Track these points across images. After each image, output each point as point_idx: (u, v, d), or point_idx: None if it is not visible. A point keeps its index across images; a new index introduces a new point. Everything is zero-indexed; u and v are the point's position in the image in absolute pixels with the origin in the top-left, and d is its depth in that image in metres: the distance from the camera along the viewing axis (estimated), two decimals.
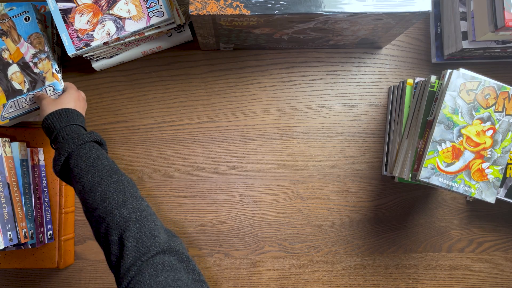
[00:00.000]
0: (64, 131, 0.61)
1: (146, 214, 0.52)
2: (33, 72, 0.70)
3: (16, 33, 0.70)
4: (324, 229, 0.83)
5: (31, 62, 0.70)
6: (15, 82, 0.69)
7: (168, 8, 0.71)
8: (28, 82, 0.70)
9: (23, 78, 0.70)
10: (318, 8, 0.61)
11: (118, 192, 0.53)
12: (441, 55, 0.82)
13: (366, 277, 0.83)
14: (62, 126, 0.61)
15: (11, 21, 0.70)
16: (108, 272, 0.81)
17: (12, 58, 0.69)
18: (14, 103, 0.70)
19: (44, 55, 0.70)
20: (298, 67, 0.83)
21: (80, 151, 0.58)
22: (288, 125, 0.83)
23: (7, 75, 0.69)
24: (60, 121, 0.62)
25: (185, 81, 0.83)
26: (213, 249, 0.82)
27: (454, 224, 0.83)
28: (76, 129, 0.62)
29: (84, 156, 0.57)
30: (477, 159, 0.66)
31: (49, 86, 0.70)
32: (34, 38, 0.70)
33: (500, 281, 0.84)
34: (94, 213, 0.53)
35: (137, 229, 0.50)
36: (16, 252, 0.75)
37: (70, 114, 0.64)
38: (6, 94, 0.70)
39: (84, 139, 0.59)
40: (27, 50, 0.70)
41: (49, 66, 0.70)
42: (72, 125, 0.62)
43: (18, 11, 0.70)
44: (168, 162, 0.82)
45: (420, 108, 0.71)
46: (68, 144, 0.58)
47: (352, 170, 0.83)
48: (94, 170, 0.56)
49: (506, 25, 0.64)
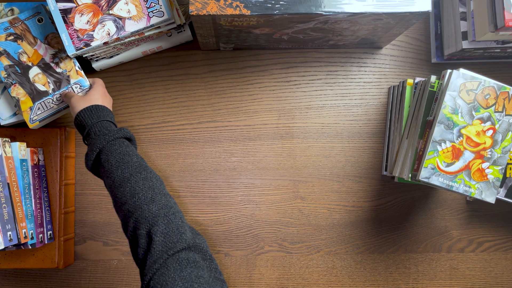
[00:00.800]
0: (95, 127, 0.63)
1: (174, 211, 0.54)
2: (56, 72, 0.70)
3: (31, 35, 0.69)
4: (324, 229, 0.83)
5: (52, 63, 0.70)
6: (38, 84, 0.69)
7: (168, 8, 0.71)
8: (52, 83, 0.70)
9: (46, 79, 0.70)
10: (318, 8, 0.61)
11: (147, 188, 0.55)
12: (441, 55, 0.82)
13: (366, 277, 0.83)
14: (94, 122, 0.63)
15: (23, 24, 0.69)
16: (108, 272, 0.81)
17: (32, 61, 0.69)
18: (41, 104, 0.70)
19: (64, 54, 0.70)
20: (298, 67, 0.83)
21: (111, 147, 0.60)
22: (288, 125, 0.83)
23: (29, 78, 0.69)
24: (91, 117, 0.64)
25: (185, 81, 0.83)
26: (213, 249, 0.82)
27: (454, 224, 0.83)
28: (107, 125, 0.64)
29: (115, 152, 0.59)
30: (477, 159, 0.66)
31: (75, 84, 0.70)
32: (51, 39, 0.70)
33: (500, 281, 0.84)
34: (123, 207, 0.54)
35: (165, 224, 0.51)
36: (16, 252, 0.75)
37: (101, 110, 0.65)
38: (31, 97, 0.70)
39: (115, 135, 0.61)
40: (46, 51, 0.70)
41: (71, 64, 0.71)
42: (103, 121, 0.64)
43: (30, 13, 0.69)
44: (168, 162, 0.82)
45: (420, 108, 0.71)
46: (100, 140, 0.60)
47: (352, 170, 0.83)
48: (124, 166, 0.58)
49: (506, 25, 0.64)
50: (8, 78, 0.68)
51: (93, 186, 0.82)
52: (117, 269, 0.81)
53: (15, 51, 0.69)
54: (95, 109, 0.65)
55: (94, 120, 0.63)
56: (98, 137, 0.61)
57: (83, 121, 0.64)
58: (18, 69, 0.69)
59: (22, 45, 0.69)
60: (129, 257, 0.81)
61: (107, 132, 0.61)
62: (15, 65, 0.69)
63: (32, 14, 0.69)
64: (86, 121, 0.64)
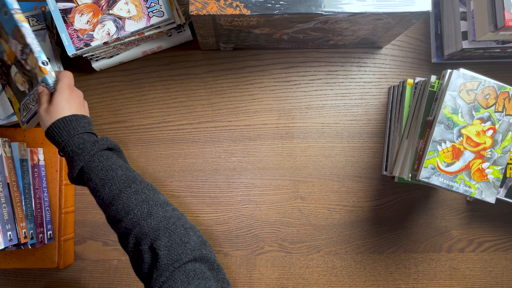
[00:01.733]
0: (69, 146, 0.57)
1: (174, 220, 0.51)
2: (26, 69, 0.61)
3: (4, 31, 0.61)
4: (324, 229, 0.83)
5: (22, 60, 0.61)
6: (18, 83, 0.63)
7: (168, 8, 0.71)
8: (26, 82, 0.62)
9: (21, 78, 0.63)
10: (318, 8, 0.61)
11: (141, 202, 0.52)
12: (441, 55, 0.82)
13: (366, 277, 0.83)
14: (65, 140, 0.57)
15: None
16: (108, 272, 0.81)
17: (9, 59, 0.63)
18: (23, 105, 0.64)
19: (27, 48, 0.59)
20: (298, 67, 0.83)
21: (91, 164, 0.55)
22: (288, 125, 0.83)
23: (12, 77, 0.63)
24: (61, 134, 0.57)
25: (185, 81, 0.83)
26: (213, 249, 0.82)
27: (454, 224, 0.83)
28: (81, 140, 0.57)
29: (96, 169, 0.55)
30: (477, 159, 0.66)
31: (42, 83, 0.61)
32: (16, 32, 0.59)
33: (500, 281, 0.84)
34: (119, 224, 0.52)
35: (167, 237, 0.49)
36: (16, 252, 0.75)
37: (69, 123, 0.58)
38: (17, 98, 0.64)
39: (92, 151, 0.55)
40: (16, 47, 0.61)
41: (35, 61, 0.60)
42: (75, 136, 0.57)
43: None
44: (168, 162, 0.82)
45: (420, 108, 0.71)
46: (76, 160, 0.55)
47: (352, 170, 0.83)
48: (111, 183, 0.54)
49: (506, 25, 0.64)
50: (1, 79, 0.65)
51: None
52: (117, 269, 0.81)
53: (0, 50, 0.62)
54: (63, 122, 0.58)
55: (65, 138, 0.57)
56: (75, 156, 0.56)
57: (53, 139, 0.58)
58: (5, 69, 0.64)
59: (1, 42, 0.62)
60: None
61: (82, 148, 0.56)
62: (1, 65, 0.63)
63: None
64: (57, 139, 0.58)
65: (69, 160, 0.57)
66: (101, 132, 0.82)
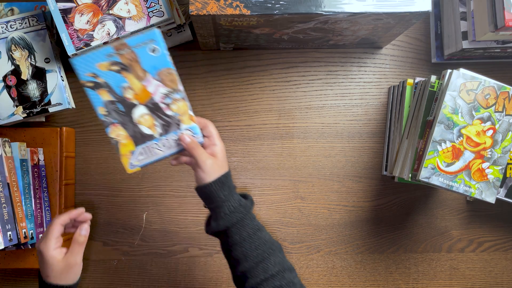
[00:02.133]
0: (229, 202, 0.57)
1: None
2: (166, 114, 0.58)
3: (140, 67, 0.56)
4: (324, 229, 0.83)
5: (162, 103, 0.57)
6: (143, 126, 0.58)
7: (168, 8, 0.71)
8: (160, 126, 0.58)
9: (153, 121, 0.58)
10: (318, 8, 0.61)
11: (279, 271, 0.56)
12: (441, 55, 0.82)
13: (366, 277, 0.83)
14: (227, 196, 0.57)
15: (132, 52, 0.55)
16: (108, 272, 0.81)
17: (138, 99, 0.57)
18: (145, 149, 0.59)
19: (178, 95, 0.58)
20: (298, 67, 0.83)
21: (244, 222, 0.57)
22: (288, 125, 0.83)
23: (133, 118, 0.57)
24: (223, 189, 0.57)
25: (185, 81, 0.82)
26: (213, 249, 0.82)
27: (454, 224, 0.83)
28: (237, 197, 0.58)
29: (247, 227, 0.57)
30: (477, 159, 0.66)
31: (186, 130, 0.58)
32: (165, 75, 0.57)
33: (500, 281, 0.84)
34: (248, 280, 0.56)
35: None
36: (16, 252, 0.75)
37: (230, 179, 0.59)
38: (134, 140, 0.58)
39: (246, 211, 0.58)
40: (157, 88, 0.57)
41: (185, 108, 0.58)
42: (234, 193, 0.59)
43: (141, 40, 0.55)
44: (168, 162, 0.82)
45: (420, 108, 0.71)
46: (232, 217, 0.57)
47: (352, 170, 0.83)
48: (258, 243, 0.56)
49: (506, 25, 0.64)
50: (108, 116, 0.57)
51: (93, 186, 0.82)
52: (117, 269, 0.81)
53: (119, 85, 0.56)
54: (226, 178, 0.58)
55: (226, 193, 0.57)
56: (231, 214, 0.57)
57: (215, 194, 0.57)
58: (121, 107, 0.57)
59: (128, 78, 0.56)
60: (129, 257, 0.81)
61: (238, 206, 0.57)
62: (117, 101, 0.57)
63: (144, 41, 0.55)
64: (219, 195, 0.57)
65: (220, 215, 0.57)
66: (101, 132, 0.82)
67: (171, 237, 0.82)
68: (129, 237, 0.82)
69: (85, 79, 0.55)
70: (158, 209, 0.82)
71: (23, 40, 0.74)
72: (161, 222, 0.82)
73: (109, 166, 0.82)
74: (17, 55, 0.74)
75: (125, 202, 0.82)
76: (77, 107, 0.82)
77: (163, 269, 0.81)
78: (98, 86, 0.55)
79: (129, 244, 0.82)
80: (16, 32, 0.74)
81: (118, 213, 0.82)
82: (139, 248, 0.82)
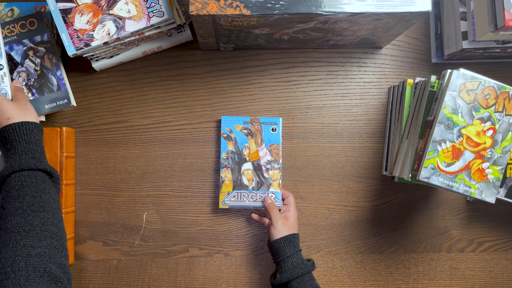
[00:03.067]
0: (292, 259, 0.69)
1: None
2: (263, 176, 0.77)
3: (260, 137, 0.78)
4: (324, 229, 0.83)
5: (264, 167, 0.78)
6: (244, 177, 0.77)
7: (168, 8, 0.71)
8: (255, 182, 0.77)
9: (252, 176, 0.77)
10: (318, 8, 0.61)
11: None
12: (441, 55, 0.82)
13: (366, 277, 0.83)
14: (291, 254, 0.69)
15: (260, 126, 0.78)
16: (108, 272, 0.81)
17: (250, 157, 0.78)
18: (238, 194, 0.77)
19: (277, 165, 0.78)
20: (298, 67, 0.83)
21: (304, 278, 0.67)
22: (288, 125, 0.83)
23: (240, 169, 0.77)
24: (289, 247, 0.70)
25: (185, 81, 0.83)
26: (213, 249, 0.82)
27: (454, 224, 0.83)
28: (301, 257, 0.70)
29: (306, 283, 0.67)
30: (477, 159, 0.66)
31: (271, 193, 0.77)
32: (273, 148, 0.78)
33: (500, 281, 0.84)
34: None
35: None
36: None
37: (297, 241, 0.72)
38: (234, 185, 0.77)
39: (306, 269, 0.68)
40: (265, 155, 0.78)
41: (278, 176, 0.78)
42: (299, 253, 0.70)
43: (269, 121, 0.79)
44: (168, 162, 0.82)
45: (420, 108, 0.71)
46: (294, 272, 0.68)
47: (352, 170, 0.83)
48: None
49: (506, 25, 0.64)
50: (225, 160, 0.78)
51: (93, 186, 0.82)
52: (117, 269, 0.81)
53: (242, 143, 0.78)
54: (293, 238, 0.71)
55: (292, 251, 0.70)
56: (294, 269, 0.68)
57: (282, 249, 0.70)
58: (236, 158, 0.78)
59: (250, 141, 0.78)
60: (129, 257, 0.82)
61: (302, 266, 0.68)
62: (236, 153, 0.78)
63: (271, 122, 0.79)
64: (285, 251, 0.70)
65: (284, 269, 0.69)
66: (101, 132, 0.82)
67: (171, 237, 0.82)
68: (129, 237, 0.82)
69: (224, 131, 0.78)
70: (158, 209, 0.82)
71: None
72: (161, 222, 0.82)
73: (109, 166, 0.82)
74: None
75: (125, 202, 0.82)
76: (77, 107, 0.82)
77: (163, 269, 0.81)
78: (229, 139, 0.78)
79: (129, 244, 0.82)
80: None
81: (118, 213, 0.82)
82: (139, 248, 0.82)
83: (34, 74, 0.76)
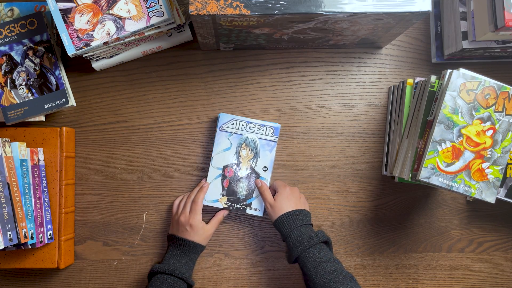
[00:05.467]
0: (289, 238, 0.70)
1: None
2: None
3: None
4: (324, 229, 0.83)
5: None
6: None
7: (168, 8, 0.71)
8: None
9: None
10: (318, 8, 0.61)
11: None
12: (441, 55, 0.82)
13: (366, 277, 0.83)
14: (287, 232, 0.71)
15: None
16: (108, 272, 0.81)
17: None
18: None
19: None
20: (298, 67, 0.83)
21: (306, 255, 0.68)
22: (288, 125, 0.83)
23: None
24: (284, 227, 0.72)
25: (185, 81, 0.83)
26: (213, 249, 0.82)
27: (454, 224, 0.83)
28: (298, 233, 0.70)
29: (311, 259, 0.67)
30: (477, 159, 0.66)
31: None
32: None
33: (500, 281, 0.84)
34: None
35: None
36: (16, 252, 0.75)
37: (290, 217, 0.72)
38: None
39: (307, 246, 0.68)
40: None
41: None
42: (294, 229, 0.71)
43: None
44: (168, 162, 0.82)
45: (420, 108, 0.71)
46: (295, 251, 0.69)
47: (352, 170, 0.83)
48: (322, 273, 0.65)
49: (506, 25, 0.64)
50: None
51: (93, 186, 0.82)
52: (117, 269, 0.81)
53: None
54: (286, 217, 0.72)
55: (287, 230, 0.71)
56: (294, 248, 0.69)
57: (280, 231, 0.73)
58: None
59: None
60: (129, 257, 0.81)
61: (300, 241, 0.69)
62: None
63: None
64: (282, 231, 0.72)
65: (289, 247, 0.70)
66: (101, 132, 0.82)
67: None
68: (129, 237, 0.82)
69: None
70: (158, 209, 0.82)
71: (254, 143, 0.79)
72: (161, 222, 0.82)
73: (109, 166, 0.82)
74: (243, 153, 0.78)
75: (125, 202, 0.82)
76: (77, 107, 0.82)
77: None
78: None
79: (129, 244, 0.82)
80: (251, 134, 0.78)
81: (118, 213, 0.82)
82: (139, 248, 0.82)
83: (34, 74, 0.76)
